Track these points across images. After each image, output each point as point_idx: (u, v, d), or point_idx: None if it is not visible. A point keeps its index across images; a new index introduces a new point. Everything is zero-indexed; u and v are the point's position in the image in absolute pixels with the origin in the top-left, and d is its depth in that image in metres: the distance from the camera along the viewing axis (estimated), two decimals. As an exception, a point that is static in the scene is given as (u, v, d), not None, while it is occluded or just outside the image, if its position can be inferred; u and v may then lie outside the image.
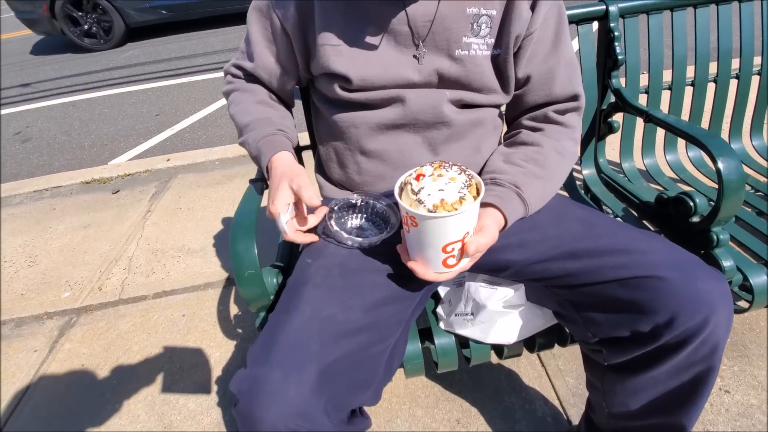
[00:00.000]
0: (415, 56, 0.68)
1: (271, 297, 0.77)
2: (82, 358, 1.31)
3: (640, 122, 1.12)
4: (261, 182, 0.86)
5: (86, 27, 4.83)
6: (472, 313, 0.71)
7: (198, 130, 2.91)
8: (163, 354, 1.28)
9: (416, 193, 0.52)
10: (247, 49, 0.76)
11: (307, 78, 0.77)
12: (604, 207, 1.08)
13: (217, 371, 1.21)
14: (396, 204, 0.61)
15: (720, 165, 0.75)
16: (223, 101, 3.24)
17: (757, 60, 1.12)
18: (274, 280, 0.78)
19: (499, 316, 0.70)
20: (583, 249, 0.60)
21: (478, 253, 0.57)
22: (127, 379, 1.22)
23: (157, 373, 1.22)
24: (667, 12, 1.05)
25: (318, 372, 0.49)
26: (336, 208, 0.72)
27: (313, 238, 0.70)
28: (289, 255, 0.98)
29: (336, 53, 0.66)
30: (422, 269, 0.57)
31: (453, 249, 0.55)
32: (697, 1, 1.05)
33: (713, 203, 0.78)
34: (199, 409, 1.12)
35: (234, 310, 1.42)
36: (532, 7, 0.66)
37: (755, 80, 1.14)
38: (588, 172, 1.14)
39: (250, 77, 0.79)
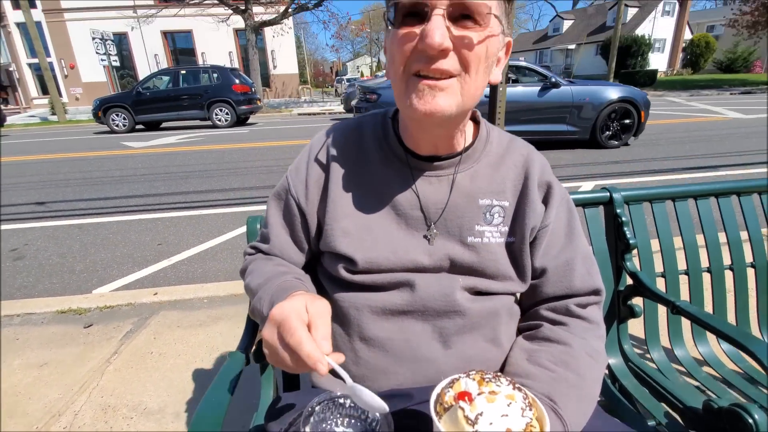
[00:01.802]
0: (425, 236, 0.64)
1: None
2: None
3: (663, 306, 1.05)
4: (248, 348, 0.74)
5: None
6: None
7: (195, 263, 2.86)
8: None
9: (473, 422, 0.39)
10: (263, 232, 0.73)
11: (316, 252, 0.72)
12: (639, 406, 0.92)
13: None
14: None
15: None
16: (228, 235, 3.29)
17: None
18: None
19: None
20: None
21: None
22: None
23: None
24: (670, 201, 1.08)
25: None
26: (317, 408, 0.58)
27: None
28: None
29: (343, 233, 0.63)
30: None
31: None
32: (696, 194, 1.09)
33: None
34: None
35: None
36: (545, 201, 0.66)
37: (771, 270, 1.11)
38: (614, 360, 1.01)
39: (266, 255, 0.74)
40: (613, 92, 5.83)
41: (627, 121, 5.95)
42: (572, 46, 33.63)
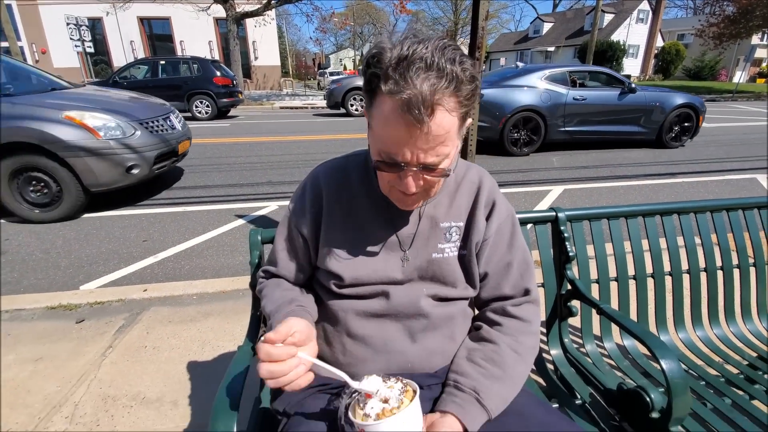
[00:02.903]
0: (401, 259, 0.81)
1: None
2: None
3: (596, 307, 1.26)
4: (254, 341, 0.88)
5: None
6: None
7: (182, 260, 2.95)
8: None
9: (363, 408, 0.61)
10: (271, 257, 0.89)
11: (314, 265, 0.88)
12: (572, 390, 1.12)
13: None
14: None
15: (663, 366, 0.83)
16: (212, 233, 3.39)
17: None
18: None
19: None
20: None
21: None
22: None
23: None
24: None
25: None
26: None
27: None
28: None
29: (335, 257, 0.80)
30: None
31: None
32: (627, 214, 1.30)
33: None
34: None
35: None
36: (488, 218, 0.83)
37: (686, 278, 1.34)
38: (555, 352, 1.21)
39: (275, 277, 0.89)
40: (678, 98, 6.46)
41: (687, 124, 6.58)
42: (552, 49, 34.46)
